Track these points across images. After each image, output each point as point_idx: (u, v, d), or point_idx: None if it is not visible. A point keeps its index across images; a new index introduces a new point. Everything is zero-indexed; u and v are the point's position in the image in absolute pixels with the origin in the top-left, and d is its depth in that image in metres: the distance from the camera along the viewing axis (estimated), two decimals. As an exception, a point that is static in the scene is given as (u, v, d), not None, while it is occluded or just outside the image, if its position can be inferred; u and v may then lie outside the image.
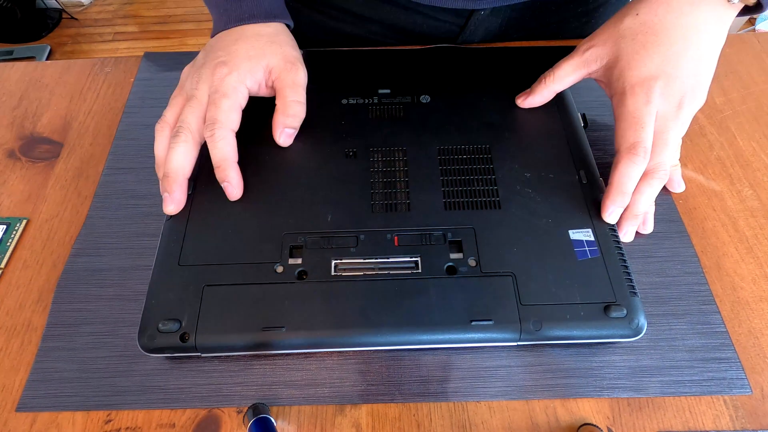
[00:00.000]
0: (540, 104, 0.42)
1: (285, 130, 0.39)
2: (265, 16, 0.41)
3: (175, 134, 0.36)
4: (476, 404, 0.33)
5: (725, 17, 0.36)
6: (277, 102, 0.39)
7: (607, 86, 0.39)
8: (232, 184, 0.36)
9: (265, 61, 0.39)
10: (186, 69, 0.41)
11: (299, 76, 0.40)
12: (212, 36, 0.42)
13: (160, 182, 0.37)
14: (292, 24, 0.44)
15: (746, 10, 0.37)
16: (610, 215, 0.35)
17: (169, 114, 0.38)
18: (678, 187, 0.41)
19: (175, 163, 0.36)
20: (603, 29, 0.39)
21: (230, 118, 0.37)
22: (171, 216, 0.37)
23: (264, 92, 0.40)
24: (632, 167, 0.35)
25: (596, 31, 0.39)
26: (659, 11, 0.36)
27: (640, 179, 0.36)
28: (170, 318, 0.32)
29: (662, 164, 0.36)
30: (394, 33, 0.55)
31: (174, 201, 0.36)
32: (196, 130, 0.37)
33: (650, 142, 0.35)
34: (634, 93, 0.35)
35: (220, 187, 0.37)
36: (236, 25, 0.41)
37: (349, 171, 0.39)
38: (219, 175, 0.37)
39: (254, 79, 0.39)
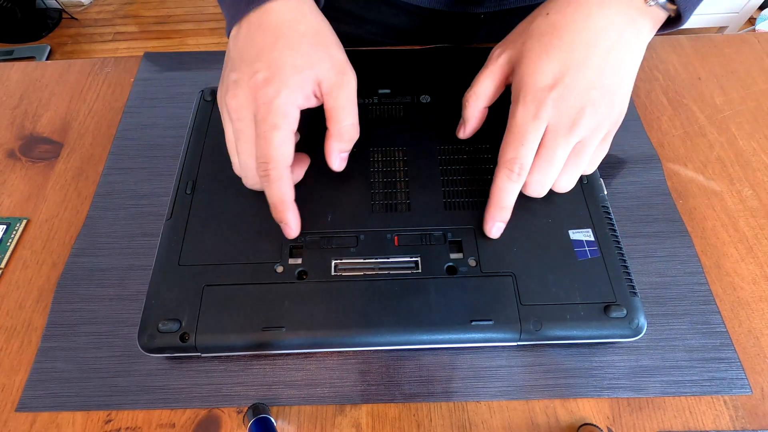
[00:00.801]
0: (479, 126, 0.38)
1: (340, 155, 0.35)
2: None
3: (261, 176, 0.33)
4: (476, 404, 0.33)
5: (640, 25, 0.32)
6: (329, 125, 0.34)
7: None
8: (291, 227, 0.34)
9: (314, 73, 0.32)
10: (220, 90, 0.34)
11: (351, 90, 0.34)
12: (230, 26, 0.35)
13: (273, 212, 0.34)
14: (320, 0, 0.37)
15: (667, 24, 0.33)
16: (490, 230, 0.35)
17: (233, 159, 0.35)
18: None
19: (275, 196, 0.33)
20: (515, 30, 0.35)
21: (284, 154, 0.32)
22: (171, 216, 0.37)
23: (311, 105, 0.34)
24: (507, 182, 0.33)
25: (508, 35, 0.36)
26: (568, 11, 0.32)
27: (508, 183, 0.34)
28: (170, 318, 0.32)
29: (539, 183, 0.34)
30: (394, 34, 0.55)
31: (291, 227, 0.34)
32: (290, 151, 0.33)
33: (529, 159, 0.33)
34: (525, 104, 0.32)
35: (221, 187, 0.37)
36: (261, 4, 0.33)
37: (349, 171, 0.39)
38: (276, 215, 0.34)
39: (304, 94, 0.32)
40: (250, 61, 0.32)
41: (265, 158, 0.32)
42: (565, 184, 0.35)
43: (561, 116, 0.31)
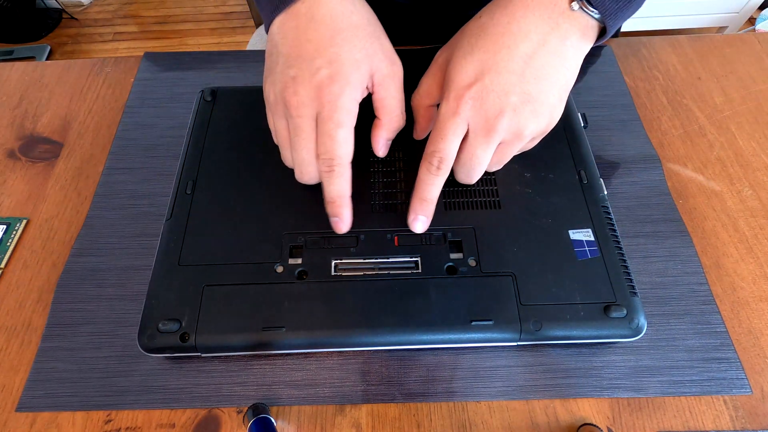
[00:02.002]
0: (428, 125, 0.37)
1: (387, 143, 0.36)
2: None
3: (324, 171, 0.33)
4: (476, 404, 0.33)
5: (566, 30, 0.31)
6: (380, 115, 0.34)
7: None
8: (344, 221, 0.34)
9: (371, 65, 0.33)
10: (273, 85, 0.33)
11: (400, 79, 0.34)
12: (272, 17, 0.33)
13: (326, 207, 0.34)
14: None
15: (599, 36, 0.33)
16: (413, 224, 0.35)
17: (285, 153, 0.35)
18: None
19: (335, 191, 0.33)
20: (456, 34, 0.35)
21: (348, 151, 0.32)
22: (171, 216, 0.37)
23: (364, 96, 0.34)
24: (427, 175, 0.33)
25: (451, 39, 0.36)
26: (496, 14, 0.32)
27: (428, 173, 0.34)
28: (170, 318, 0.32)
29: (464, 174, 0.34)
30: (393, 35, 0.55)
31: (345, 221, 0.34)
32: (350, 147, 0.33)
33: (449, 153, 0.33)
34: (447, 100, 0.32)
35: (220, 187, 0.37)
36: None
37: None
38: (331, 210, 0.34)
39: (362, 89, 0.32)
40: (310, 58, 0.31)
41: (330, 155, 0.32)
42: (492, 169, 0.37)
43: (479, 116, 0.31)
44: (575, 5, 0.31)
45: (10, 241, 0.40)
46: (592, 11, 0.31)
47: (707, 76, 0.50)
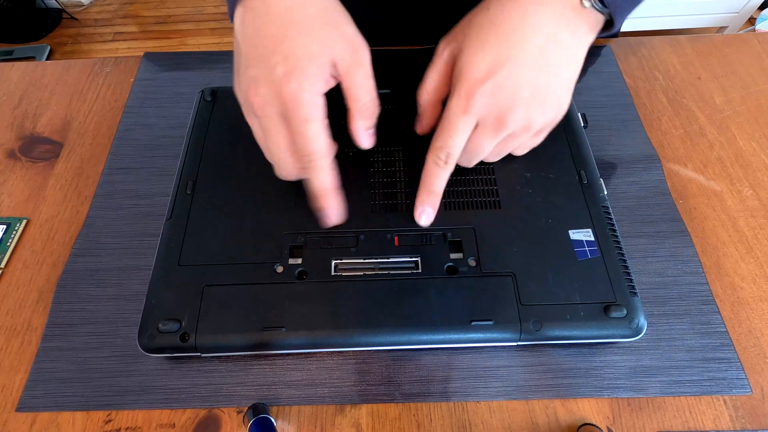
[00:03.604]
0: (433, 120, 0.36)
1: (367, 132, 0.35)
2: None
3: (303, 168, 0.33)
4: (476, 404, 0.33)
5: (576, 26, 0.32)
6: (350, 105, 0.33)
7: None
8: (332, 214, 0.34)
9: (330, 56, 0.31)
10: (238, 86, 0.33)
11: (367, 65, 0.33)
12: (232, 8, 0.33)
13: (311, 202, 0.35)
14: None
15: (603, 29, 0.33)
16: (419, 217, 0.35)
17: (265, 153, 0.35)
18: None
19: (317, 185, 0.33)
20: (459, 23, 0.35)
21: (322, 144, 0.32)
22: (171, 216, 0.37)
23: (331, 86, 0.33)
24: (435, 168, 0.34)
25: (454, 26, 0.35)
26: (507, 7, 0.32)
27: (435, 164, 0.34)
28: (170, 318, 0.32)
29: (466, 160, 0.35)
30: (393, 36, 0.55)
31: (332, 215, 0.34)
32: (325, 139, 0.32)
33: (457, 149, 0.33)
34: (459, 97, 0.32)
35: (220, 187, 0.37)
36: None
37: (349, 171, 0.39)
38: (316, 204, 0.34)
39: (325, 80, 0.32)
40: (266, 55, 0.31)
41: (305, 152, 0.32)
42: (491, 159, 0.37)
43: (491, 112, 0.32)
44: (586, 2, 0.31)
45: (10, 241, 0.40)
46: (603, 8, 0.31)
47: (707, 76, 0.50)
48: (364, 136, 0.35)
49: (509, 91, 0.31)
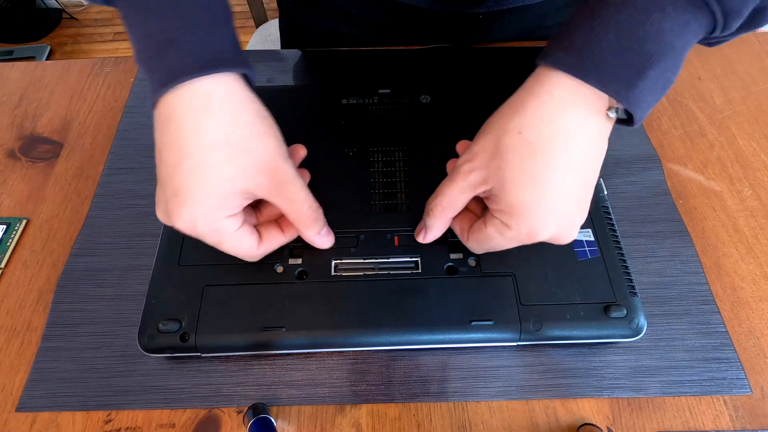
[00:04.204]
0: (442, 233, 0.35)
1: (319, 234, 0.34)
2: (212, 64, 0.29)
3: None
4: (476, 404, 0.33)
5: (604, 133, 0.31)
6: (290, 220, 0.32)
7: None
8: (319, 246, 0.35)
9: (235, 188, 0.29)
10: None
11: (290, 182, 0.31)
12: (153, 104, 0.30)
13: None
14: (251, 73, 0.31)
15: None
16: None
17: None
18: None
19: (267, 253, 0.34)
20: (481, 142, 0.31)
21: (247, 249, 0.32)
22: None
23: (256, 198, 0.31)
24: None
25: (475, 147, 0.32)
26: (544, 131, 0.29)
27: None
28: (170, 318, 0.32)
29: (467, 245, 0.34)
30: (392, 35, 0.55)
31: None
32: (249, 246, 0.32)
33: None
34: (519, 231, 0.30)
35: None
36: (171, 87, 0.28)
37: (349, 171, 0.39)
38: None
39: (231, 207, 0.30)
40: (163, 178, 0.30)
41: (240, 256, 0.32)
42: (472, 247, 0.35)
43: (521, 236, 0.30)
44: (611, 113, 0.29)
45: (10, 241, 0.40)
46: (624, 114, 0.30)
47: (707, 76, 0.50)
48: (320, 241, 0.34)
49: (546, 228, 0.30)
